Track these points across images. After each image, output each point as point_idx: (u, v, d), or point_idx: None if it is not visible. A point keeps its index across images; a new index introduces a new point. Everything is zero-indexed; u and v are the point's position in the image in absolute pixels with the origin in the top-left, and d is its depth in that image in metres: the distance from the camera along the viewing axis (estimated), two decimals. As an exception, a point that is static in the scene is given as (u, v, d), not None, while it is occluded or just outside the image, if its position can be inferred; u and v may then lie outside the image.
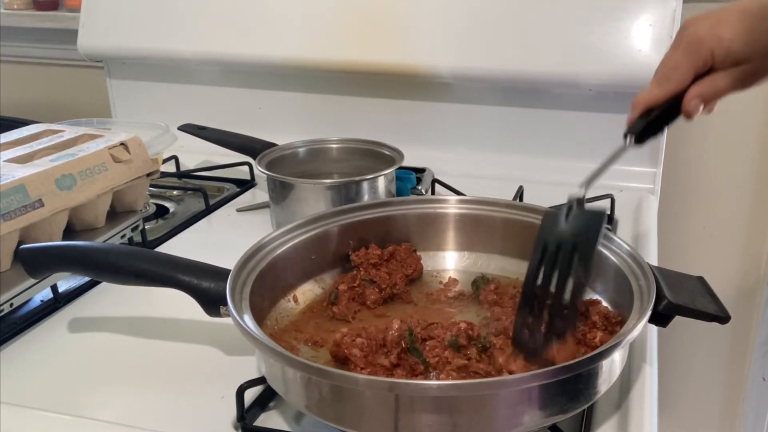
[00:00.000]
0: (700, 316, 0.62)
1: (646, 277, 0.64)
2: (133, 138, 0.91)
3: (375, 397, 0.54)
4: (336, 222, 0.80)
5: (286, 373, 0.58)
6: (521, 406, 0.54)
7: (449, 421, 0.53)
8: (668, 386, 1.50)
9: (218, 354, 0.73)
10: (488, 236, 0.82)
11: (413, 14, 1.19)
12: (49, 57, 1.70)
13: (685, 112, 0.64)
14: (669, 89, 0.64)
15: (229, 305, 0.62)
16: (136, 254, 0.67)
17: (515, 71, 1.14)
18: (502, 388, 0.54)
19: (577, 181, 1.14)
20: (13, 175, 0.78)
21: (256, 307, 0.65)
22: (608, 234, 0.72)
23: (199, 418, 0.63)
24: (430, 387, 0.52)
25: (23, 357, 0.73)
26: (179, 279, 0.65)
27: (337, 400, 0.55)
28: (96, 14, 1.35)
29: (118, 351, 0.74)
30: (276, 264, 0.72)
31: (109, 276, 0.67)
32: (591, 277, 0.67)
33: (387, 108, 1.27)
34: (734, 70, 0.63)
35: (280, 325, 0.72)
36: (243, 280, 0.67)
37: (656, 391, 0.66)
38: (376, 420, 0.55)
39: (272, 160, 1.02)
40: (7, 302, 0.74)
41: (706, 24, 0.62)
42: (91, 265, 0.66)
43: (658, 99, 0.64)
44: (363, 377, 0.56)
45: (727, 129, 1.34)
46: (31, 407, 0.64)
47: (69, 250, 0.67)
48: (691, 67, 0.63)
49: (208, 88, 1.36)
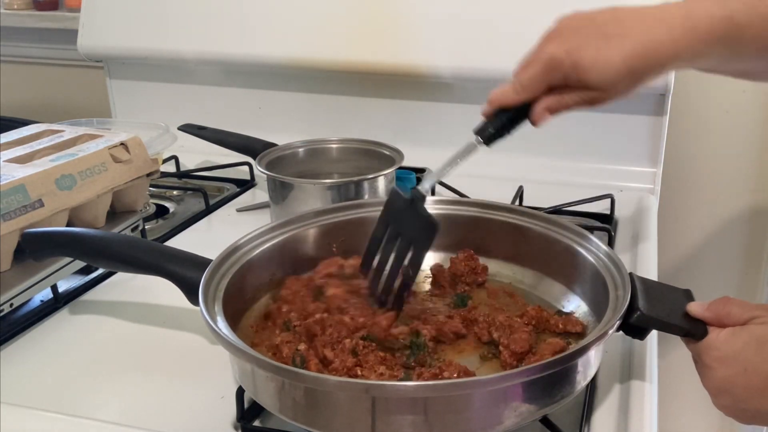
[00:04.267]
0: (674, 330, 0.61)
1: (624, 287, 0.64)
2: (133, 138, 0.91)
3: (350, 400, 0.54)
4: (315, 223, 0.79)
5: (250, 370, 0.58)
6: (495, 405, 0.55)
7: (424, 420, 0.54)
8: (668, 386, 1.50)
9: (218, 355, 0.72)
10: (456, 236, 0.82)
11: (413, 14, 1.19)
12: (49, 57, 1.70)
13: (533, 120, 0.70)
14: (523, 97, 0.69)
15: (200, 299, 0.62)
16: (128, 242, 0.71)
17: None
18: (477, 388, 0.54)
19: (577, 181, 1.15)
20: (13, 175, 0.78)
21: (236, 302, 0.66)
22: (593, 239, 0.73)
23: (199, 418, 0.63)
24: (406, 388, 0.53)
25: (23, 357, 0.73)
26: (165, 267, 0.68)
27: (310, 403, 0.55)
28: (96, 14, 1.35)
29: (118, 351, 0.74)
30: (255, 261, 0.72)
31: (103, 261, 0.71)
32: (417, 276, 0.72)
33: (387, 108, 1.27)
34: (583, 92, 0.67)
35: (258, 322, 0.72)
36: (222, 273, 0.68)
37: (656, 391, 0.66)
38: (351, 422, 0.55)
39: (272, 160, 1.02)
40: (7, 302, 0.74)
41: (566, 44, 0.66)
42: (87, 251, 0.70)
43: (512, 103, 0.69)
44: (334, 379, 0.57)
45: (727, 129, 1.34)
46: (31, 407, 0.64)
47: (68, 236, 0.71)
48: (545, 84, 0.68)
49: (208, 88, 1.36)
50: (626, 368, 0.69)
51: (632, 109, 1.14)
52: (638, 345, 0.70)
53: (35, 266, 0.78)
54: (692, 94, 1.32)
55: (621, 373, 0.68)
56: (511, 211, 0.80)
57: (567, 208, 1.04)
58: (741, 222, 1.40)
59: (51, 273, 0.79)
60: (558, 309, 0.73)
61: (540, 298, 0.76)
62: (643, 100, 1.13)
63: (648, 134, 1.15)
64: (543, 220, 0.78)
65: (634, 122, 1.15)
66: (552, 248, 0.76)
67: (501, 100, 0.70)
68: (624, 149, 1.17)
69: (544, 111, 0.69)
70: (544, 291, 0.77)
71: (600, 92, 0.67)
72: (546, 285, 0.77)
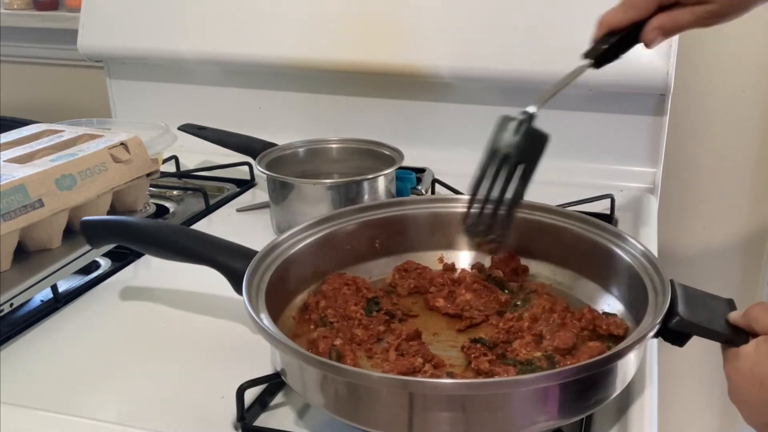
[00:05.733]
0: (714, 337, 0.59)
1: (664, 291, 0.63)
2: (133, 138, 0.91)
3: (389, 395, 0.55)
4: (357, 219, 0.80)
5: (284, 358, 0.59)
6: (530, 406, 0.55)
7: (463, 418, 0.54)
8: (669, 387, 1.50)
9: (218, 354, 0.73)
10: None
11: (413, 14, 1.19)
12: (49, 57, 1.70)
13: (645, 41, 0.67)
14: (633, 16, 0.66)
15: (243, 295, 0.63)
16: (180, 232, 0.74)
17: (515, 71, 1.14)
18: (515, 387, 0.55)
19: (577, 181, 1.15)
20: (13, 175, 0.78)
21: (280, 293, 0.68)
22: (629, 239, 0.73)
23: (199, 418, 0.63)
24: (444, 385, 0.55)
25: (23, 357, 0.73)
26: (212, 257, 0.70)
27: (352, 397, 0.56)
28: (96, 14, 1.35)
29: (118, 351, 0.74)
30: (300, 254, 0.74)
31: (154, 250, 0.73)
32: (527, 190, 0.72)
33: (387, 108, 1.27)
34: (697, 8, 0.64)
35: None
36: (267, 265, 0.69)
37: (656, 391, 0.66)
38: (390, 416, 0.55)
39: (272, 160, 1.02)
40: (7, 302, 0.74)
41: None
42: (140, 239, 0.73)
43: (621, 23, 0.66)
44: (377, 375, 0.58)
45: (727, 129, 1.34)
46: (31, 407, 0.64)
47: (122, 225, 0.74)
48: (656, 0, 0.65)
49: (208, 88, 1.36)
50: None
51: (632, 109, 1.14)
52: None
53: (35, 266, 0.78)
54: (692, 94, 1.32)
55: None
56: (548, 211, 0.81)
57: (567, 209, 1.04)
58: (741, 222, 1.40)
59: (51, 273, 0.79)
60: (603, 311, 0.72)
61: (577, 299, 0.76)
62: (643, 100, 1.13)
63: (648, 134, 1.15)
64: (580, 221, 0.78)
65: (634, 122, 1.15)
66: (590, 249, 0.76)
67: (611, 21, 0.67)
68: (624, 149, 1.17)
69: (656, 31, 0.65)
70: (581, 292, 0.77)
71: (715, 5, 0.63)
72: (582, 285, 0.77)
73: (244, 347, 0.71)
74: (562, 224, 0.79)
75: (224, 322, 0.77)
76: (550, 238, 0.80)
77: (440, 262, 0.83)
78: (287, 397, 0.66)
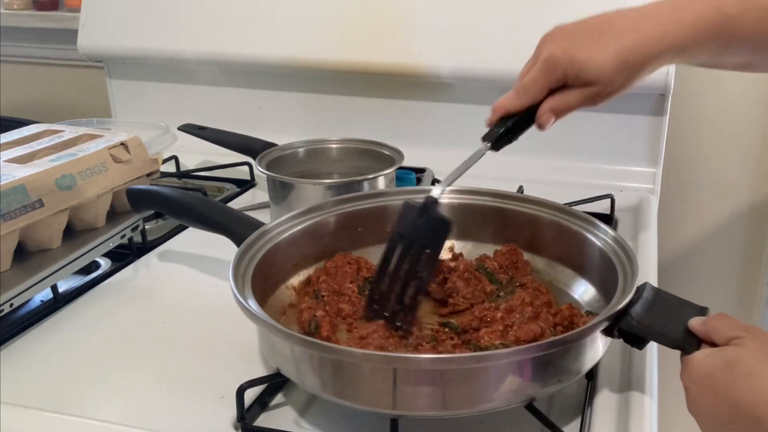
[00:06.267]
0: (663, 341, 0.59)
1: (624, 294, 0.63)
2: (133, 138, 0.91)
3: (373, 371, 0.57)
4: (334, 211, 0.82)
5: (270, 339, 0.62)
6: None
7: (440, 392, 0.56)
8: (669, 387, 1.50)
9: (218, 354, 0.73)
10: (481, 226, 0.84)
11: (413, 14, 1.19)
12: (49, 57, 1.70)
13: (538, 124, 0.71)
14: (525, 101, 0.70)
15: (231, 283, 0.65)
16: (203, 202, 0.84)
17: (515, 71, 1.14)
18: (492, 361, 0.56)
19: (577, 181, 1.15)
20: (13, 175, 0.78)
21: (284, 263, 0.75)
22: (601, 225, 0.74)
23: (199, 418, 0.63)
24: (423, 360, 0.58)
25: (23, 357, 0.73)
26: (229, 227, 0.77)
27: (337, 375, 0.58)
28: (96, 14, 1.35)
29: (118, 351, 0.74)
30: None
31: (183, 217, 0.83)
32: (431, 277, 0.75)
33: (387, 108, 1.27)
34: (585, 90, 0.68)
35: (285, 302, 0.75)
36: (268, 239, 0.74)
37: (656, 391, 0.66)
38: (374, 392, 0.57)
39: (272, 160, 1.02)
40: (7, 302, 0.74)
41: (562, 44, 0.68)
42: (173, 207, 0.83)
43: (515, 108, 0.70)
44: (359, 351, 0.60)
45: (727, 129, 1.34)
46: (31, 407, 0.64)
47: (160, 195, 0.83)
48: (546, 84, 0.69)
49: (208, 88, 1.36)
50: (627, 368, 0.69)
51: (632, 109, 1.14)
52: (638, 351, 0.70)
53: (35, 266, 0.78)
54: (692, 94, 1.32)
55: (621, 380, 0.68)
56: (555, 209, 0.82)
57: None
58: (741, 222, 1.40)
59: (51, 273, 0.79)
60: (587, 310, 0.72)
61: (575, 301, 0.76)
62: (643, 100, 1.13)
63: (648, 134, 1.15)
64: (583, 220, 0.78)
65: (634, 122, 1.15)
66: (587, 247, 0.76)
67: (505, 106, 0.71)
68: (624, 149, 1.17)
69: (548, 113, 0.70)
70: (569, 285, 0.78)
71: (599, 87, 0.68)
72: (582, 285, 0.77)
73: (244, 347, 0.71)
74: (564, 221, 0.80)
75: (224, 322, 0.77)
76: (555, 234, 0.80)
77: (450, 251, 0.83)
78: (287, 398, 0.66)
